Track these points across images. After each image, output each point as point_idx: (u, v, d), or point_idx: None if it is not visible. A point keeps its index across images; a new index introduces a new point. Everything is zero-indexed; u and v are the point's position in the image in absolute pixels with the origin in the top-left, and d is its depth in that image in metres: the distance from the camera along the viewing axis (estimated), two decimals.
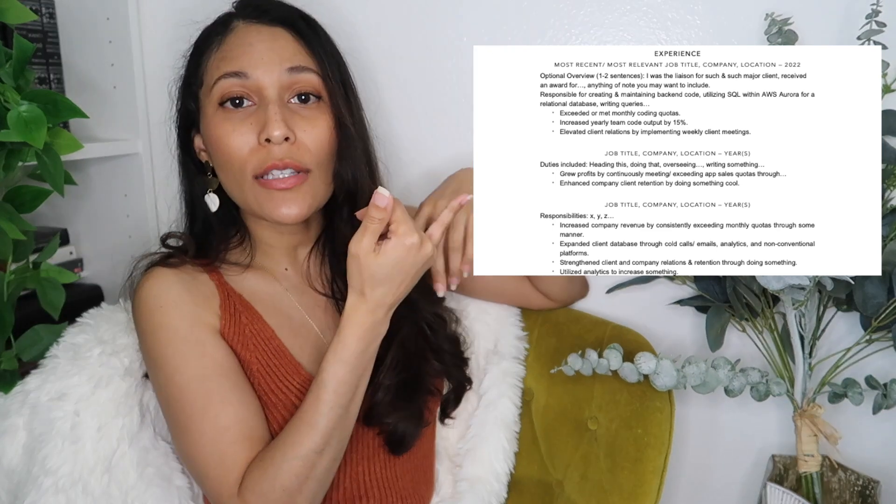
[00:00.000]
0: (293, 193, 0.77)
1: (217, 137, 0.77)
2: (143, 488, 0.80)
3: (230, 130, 0.76)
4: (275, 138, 0.74)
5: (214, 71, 0.78)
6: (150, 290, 0.78)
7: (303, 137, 0.77)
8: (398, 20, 1.07)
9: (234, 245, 0.85)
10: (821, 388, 0.90)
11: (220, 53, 0.79)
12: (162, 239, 0.86)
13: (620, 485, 0.88)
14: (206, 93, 0.79)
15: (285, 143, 0.75)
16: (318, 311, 0.86)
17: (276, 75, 0.76)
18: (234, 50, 0.78)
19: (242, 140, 0.76)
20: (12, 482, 0.78)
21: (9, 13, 0.78)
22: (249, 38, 0.78)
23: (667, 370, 0.85)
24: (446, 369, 0.90)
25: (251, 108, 0.77)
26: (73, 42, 1.10)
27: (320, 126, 0.78)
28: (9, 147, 0.78)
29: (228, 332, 0.78)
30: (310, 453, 0.70)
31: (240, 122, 0.76)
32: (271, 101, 0.76)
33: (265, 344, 0.79)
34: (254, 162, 0.76)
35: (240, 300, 0.81)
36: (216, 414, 0.73)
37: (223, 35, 0.80)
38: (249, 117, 0.76)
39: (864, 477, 0.94)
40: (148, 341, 0.77)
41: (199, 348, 0.75)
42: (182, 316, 0.76)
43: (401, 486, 0.85)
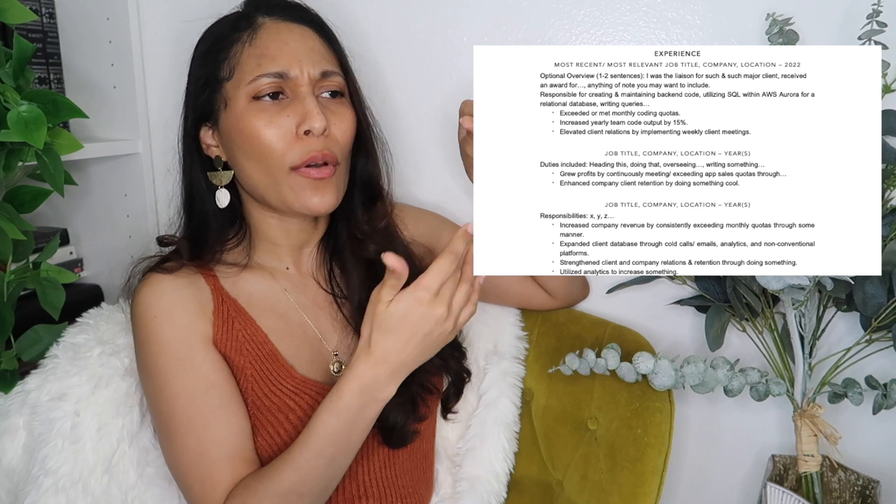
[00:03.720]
0: (325, 183, 0.79)
1: (254, 129, 0.77)
2: (143, 488, 0.80)
3: (267, 122, 0.77)
4: (315, 129, 0.76)
5: (254, 67, 0.78)
6: (145, 298, 0.78)
7: (334, 130, 0.79)
8: (398, 20, 1.07)
9: (231, 245, 0.85)
10: (821, 388, 0.90)
11: (254, 49, 0.79)
12: (158, 241, 0.86)
13: (620, 485, 0.88)
14: (236, 85, 0.79)
15: (322, 136, 0.77)
16: (317, 310, 0.86)
17: (312, 74, 0.79)
18: (271, 47, 0.78)
19: (280, 132, 0.77)
20: (12, 482, 0.78)
21: (9, 13, 0.78)
22: (283, 36, 0.79)
23: (665, 370, 0.85)
24: (444, 362, 0.90)
25: (285, 100, 0.78)
26: (73, 42, 1.10)
27: (347, 120, 0.81)
28: (9, 147, 0.78)
29: (221, 338, 0.78)
30: (290, 494, 0.69)
31: (276, 113, 0.77)
32: (308, 95, 0.78)
33: (258, 349, 0.79)
34: (292, 153, 0.77)
35: (234, 305, 0.81)
36: (200, 433, 0.73)
37: (253, 30, 0.80)
38: (285, 109, 0.78)
39: (864, 477, 0.94)
40: (140, 351, 0.78)
41: (187, 363, 0.75)
42: (173, 327, 0.76)
43: (400, 486, 0.85)
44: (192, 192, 0.85)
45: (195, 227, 0.85)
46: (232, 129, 0.79)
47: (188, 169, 0.86)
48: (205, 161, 0.84)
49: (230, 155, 0.81)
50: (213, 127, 0.82)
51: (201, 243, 0.83)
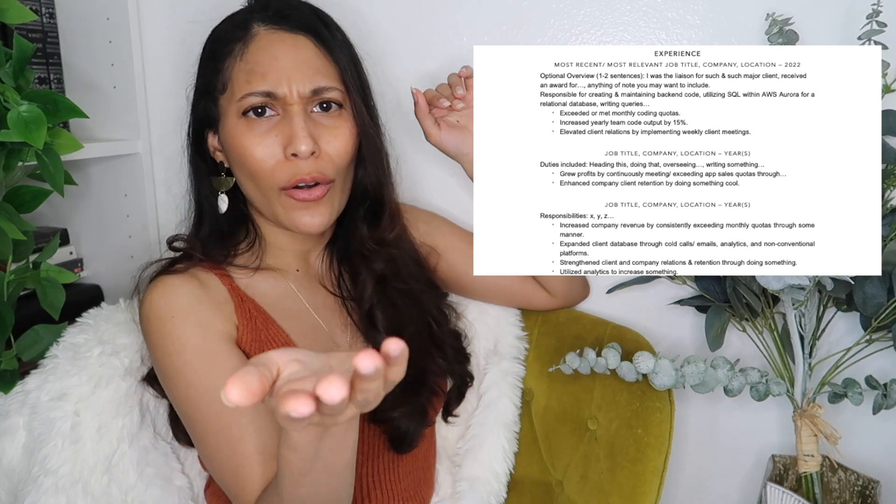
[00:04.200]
0: (317, 205, 0.78)
1: (242, 147, 0.77)
2: (143, 488, 0.80)
3: (255, 143, 0.76)
4: (301, 153, 0.75)
5: (243, 85, 0.77)
6: (159, 301, 0.76)
7: (326, 149, 0.78)
8: (398, 20, 1.07)
9: (243, 249, 0.84)
10: (821, 388, 0.90)
11: (245, 64, 0.78)
12: (168, 241, 0.85)
13: (620, 485, 0.88)
14: (228, 99, 0.79)
15: (311, 157, 0.76)
16: (327, 310, 0.86)
17: (302, 91, 0.77)
18: (261, 63, 0.77)
19: (267, 152, 0.76)
20: (12, 482, 0.78)
21: (9, 13, 0.78)
22: (273, 50, 0.77)
23: (665, 369, 0.85)
24: (449, 365, 0.90)
25: (274, 117, 0.77)
26: (73, 42, 1.10)
27: (342, 135, 0.79)
28: (9, 147, 0.78)
29: (245, 337, 0.78)
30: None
31: (264, 133, 0.76)
32: (296, 115, 0.76)
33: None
34: (281, 176, 0.76)
35: (253, 305, 0.80)
36: (230, 429, 0.71)
37: (245, 42, 0.78)
38: (273, 129, 0.77)
39: (864, 477, 0.94)
40: (158, 354, 0.76)
41: (211, 360, 0.74)
42: (194, 325, 0.75)
43: (402, 488, 0.85)
44: (201, 196, 0.86)
45: (208, 228, 0.85)
46: (226, 141, 0.80)
47: (195, 173, 0.86)
48: (211, 164, 0.85)
49: (230, 164, 0.82)
50: (217, 134, 0.83)
51: (214, 243, 0.83)
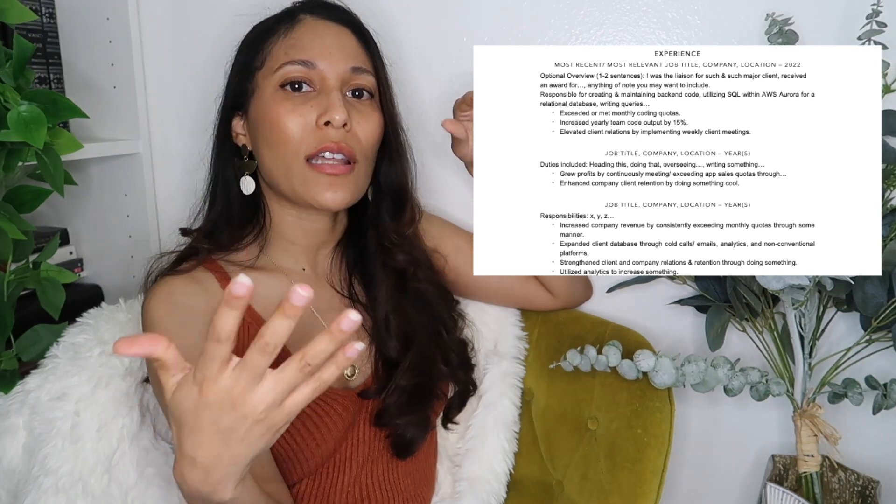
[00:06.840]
0: (340, 180, 0.79)
1: (276, 115, 0.78)
2: (143, 488, 0.80)
3: (289, 110, 0.78)
4: (335, 121, 0.77)
5: (282, 56, 0.80)
6: (158, 308, 0.76)
7: (356, 128, 0.80)
8: (398, 20, 1.07)
9: (249, 240, 0.84)
10: (821, 388, 0.90)
11: (288, 41, 0.81)
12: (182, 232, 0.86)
13: (620, 485, 0.88)
14: (265, 74, 0.81)
15: (342, 129, 0.78)
16: (332, 314, 0.85)
17: (341, 69, 0.80)
18: (304, 39, 0.81)
19: (301, 120, 0.78)
20: (12, 482, 0.78)
21: (9, 13, 0.78)
22: (319, 31, 0.81)
23: (666, 368, 0.85)
24: (453, 373, 0.90)
25: (311, 93, 0.80)
26: (73, 42, 1.10)
27: (373, 121, 0.82)
28: (9, 147, 0.78)
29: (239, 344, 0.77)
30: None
31: (299, 103, 0.78)
32: (334, 89, 0.79)
33: None
34: (309, 142, 0.78)
35: (249, 311, 0.79)
36: None
37: (291, 24, 0.82)
38: (309, 101, 0.79)
39: (864, 477, 0.94)
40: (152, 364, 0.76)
41: None
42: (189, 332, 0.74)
43: (402, 489, 0.85)
44: (219, 178, 0.86)
45: (216, 215, 0.86)
46: (257, 117, 0.81)
47: (218, 154, 0.87)
48: (233, 149, 0.86)
49: (254, 144, 0.83)
50: (244, 116, 0.84)
51: (219, 231, 0.84)
